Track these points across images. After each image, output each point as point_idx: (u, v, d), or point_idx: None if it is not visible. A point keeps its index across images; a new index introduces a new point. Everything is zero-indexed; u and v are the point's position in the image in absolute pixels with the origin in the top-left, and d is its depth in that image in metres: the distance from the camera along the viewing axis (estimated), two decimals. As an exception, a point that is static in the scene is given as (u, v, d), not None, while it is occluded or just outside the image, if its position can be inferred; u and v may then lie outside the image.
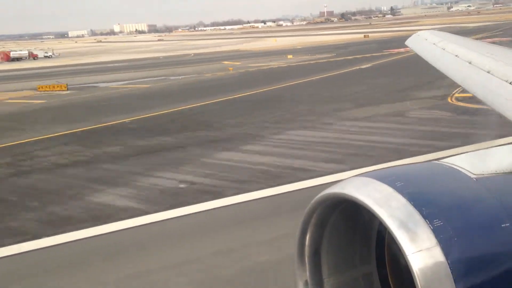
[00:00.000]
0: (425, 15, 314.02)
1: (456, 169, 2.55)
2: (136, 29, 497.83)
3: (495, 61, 6.57)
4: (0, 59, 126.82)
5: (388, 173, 2.51)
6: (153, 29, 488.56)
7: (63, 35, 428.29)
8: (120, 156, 22.32)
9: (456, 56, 7.59)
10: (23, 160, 22.73)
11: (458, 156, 2.75)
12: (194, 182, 17.89)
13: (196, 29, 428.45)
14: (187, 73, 61.62)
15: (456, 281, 2.10)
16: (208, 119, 29.59)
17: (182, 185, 17.64)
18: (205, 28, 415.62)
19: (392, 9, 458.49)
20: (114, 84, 54.81)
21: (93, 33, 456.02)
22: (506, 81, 5.66)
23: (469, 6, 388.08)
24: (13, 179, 19.96)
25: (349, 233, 2.78)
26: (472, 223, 2.27)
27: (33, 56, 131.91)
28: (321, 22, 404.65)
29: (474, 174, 2.51)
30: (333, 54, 76.02)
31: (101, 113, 34.33)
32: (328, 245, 2.71)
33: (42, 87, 52.32)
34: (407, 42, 10.73)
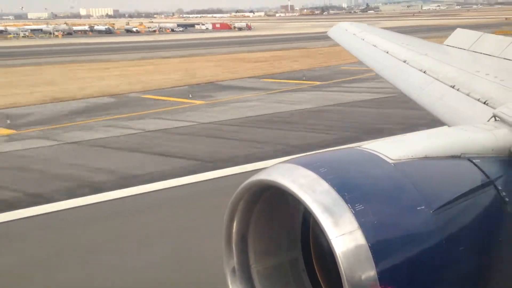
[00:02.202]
0: (402, 12, 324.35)
1: (376, 154, 2.65)
2: (107, 14, 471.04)
3: (410, 51, 6.88)
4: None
5: (312, 159, 2.56)
6: (118, 15, 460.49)
7: (21, 16, 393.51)
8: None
9: (374, 46, 7.87)
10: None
11: (377, 141, 2.85)
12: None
13: (181, 16, 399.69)
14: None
15: (376, 262, 2.19)
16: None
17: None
18: (190, 16, 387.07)
19: (367, 5, 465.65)
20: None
21: (54, 16, 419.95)
22: (421, 70, 5.94)
23: (438, 6, 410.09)
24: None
25: (275, 219, 2.81)
26: (390, 206, 2.37)
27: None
28: (311, 14, 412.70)
29: (392, 159, 2.61)
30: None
31: None
32: (254, 231, 2.73)
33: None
34: (328, 33, 11.01)
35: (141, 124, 25.50)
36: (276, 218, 2.82)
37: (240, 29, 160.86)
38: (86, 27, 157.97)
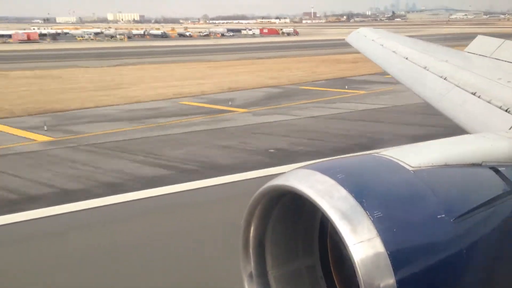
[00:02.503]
0: (432, 21, 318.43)
1: (395, 161, 2.62)
2: (134, 19, 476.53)
3: (430, 57, 6.82)
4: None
5: (330, 165, 2.54)
6: (144, 20, 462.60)
7: (49, 20, 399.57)
8: None
9: (394, 52, 7.82)
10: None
11: (396, 148, 2.83)
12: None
13: (208, 22, 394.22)
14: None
15: (395, 270, 2.16)
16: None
17: None
18: (216, 22, 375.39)
19: (393, 13, 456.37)
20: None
21: (81, 21, 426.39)
22: (441, 77, 5.89)
23: (465, 15, 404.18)
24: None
25: (293, 224, 2.80)
26: (410, 214, 2.34)
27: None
28: (337, 21, 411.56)
29: (411, 166, 2.59)
30: None
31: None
32: (272, 236, 2.72)
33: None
34: (347, 39, 10.97)
35: (340, 105, 31.24)
36: (294, 224, 2.81)
37: (288, 34, 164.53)
38: (142, 31, 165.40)
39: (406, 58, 7.23)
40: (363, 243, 2.17)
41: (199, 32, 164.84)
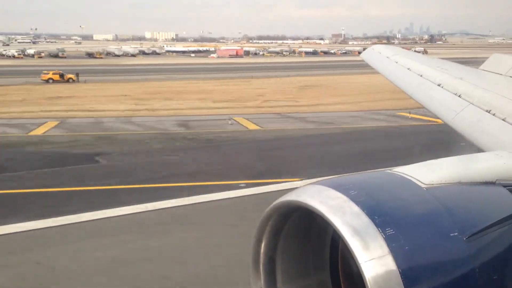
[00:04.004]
0: (475, 44, 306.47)
1: (407, 178, 2.61)
2: (173, 38, 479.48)
3: (445, 74, 6.80)
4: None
5: (342, 181, 2.54)
6: (179, 39, 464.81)
7: (86, 37, 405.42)
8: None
9: (408, 69, 7.82)
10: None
11: (409, 165, 2.82)
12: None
13: (250, 41, 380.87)
14: None
15: None
16: None
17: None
18: (260, 42, 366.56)
19: (432, 36, 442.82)
20: None
21: (118, 38, 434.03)
22: (455, 94, 5.86)
23: (503, 39, 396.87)
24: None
25: (304, 240, 2.79)
26: (422, 232, 2.32)
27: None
28: (380, 43, 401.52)
29: (424, 183, 2.57)
30: None
31: None
32: (282, 252, 2.71)
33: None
34: (362, 55, 11.00)
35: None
36: (305, 240, 2.80)
37: (418, 52, 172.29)
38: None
39: (421, 75, 7.21)
40: (374, 260, 2.15)
41: (283, 51, 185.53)
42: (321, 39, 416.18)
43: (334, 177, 2.68)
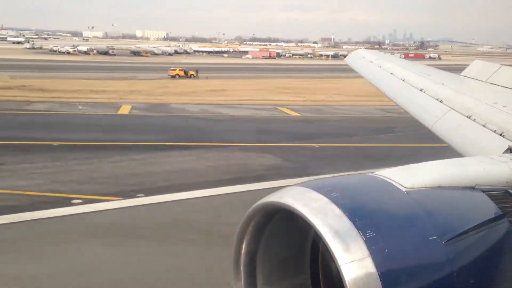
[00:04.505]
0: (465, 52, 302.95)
1: (389, 182, 2.63)
2: (164, 37, 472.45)
3: (427, 80, 6.88)
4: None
5: (324, 183, 2.55)
6: (170, 38, 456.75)
7: (76, 35, 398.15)
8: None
9: (391, 73, 7.89)
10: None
11: (391, 169, 2.84)
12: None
13: (245, 43, 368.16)
14: None
15: None
16: None
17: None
18: (254, 43, 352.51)
19: (422, 43, 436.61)
20: None
21: (107, 36, 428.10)
22: (437, 99, 5.93)
23: (492, 47, 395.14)
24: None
25: (285, 242, 2.79)
26: (402, 235, 2.34)
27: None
28: (372, 48, 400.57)
29: (405, 187, 2.59)
30: None
31: None
32: (264, 254, 2.71)
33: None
34: (345, 60, 11.06)
35: None
36: (286, 241, 2.80)
37: (433, 58, 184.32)
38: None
39: (403, 80, 7.28)
40: (354, 263, 2.16)
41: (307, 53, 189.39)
42: (315, 42, 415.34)
43: (316, 178, 2.69)
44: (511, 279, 2.62)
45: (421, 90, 6.53)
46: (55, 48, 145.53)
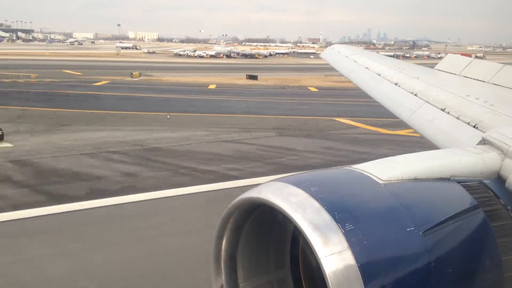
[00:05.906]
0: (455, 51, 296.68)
1: (366, 175, 2.65)
2: (158, 37, 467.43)
3: (402, 74, 6.95)
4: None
5: (303, 178, 2.56)
6: (163, 39, 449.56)
7: (67, 36, 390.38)
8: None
9: (367, 68, 7.95)
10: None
11: (368, 162, 2.87)
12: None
13: (242, 43, 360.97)
14: None
15: (365, 283, 2.18)
16: None
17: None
18: (247, 44, 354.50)
19: (414, 43, 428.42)
20: None
21: (97, 37, 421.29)
22: (412, 93, 6.00)
23: (480, 47, 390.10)
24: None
25: (265, 237, 2.80)
26: (380, 227, 2.36)
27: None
28: (368, 49, 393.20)
29: (382, 180, 2.62)
30: None
31: None
32: (244, 249, 2.71)
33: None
34: (322, 55, 11.12)
35: None
36: (266, 236, 2.81)
37: (477, 57, 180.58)
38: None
39: (378, 74, 7.36)
40: (334, 256, 2.18)
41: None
42: (314, 43, 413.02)
43: (295, 173, 2.70)
44: (487, 268, 2.68)
45: (396, 84, 6.60)
46: (181, 53, 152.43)
